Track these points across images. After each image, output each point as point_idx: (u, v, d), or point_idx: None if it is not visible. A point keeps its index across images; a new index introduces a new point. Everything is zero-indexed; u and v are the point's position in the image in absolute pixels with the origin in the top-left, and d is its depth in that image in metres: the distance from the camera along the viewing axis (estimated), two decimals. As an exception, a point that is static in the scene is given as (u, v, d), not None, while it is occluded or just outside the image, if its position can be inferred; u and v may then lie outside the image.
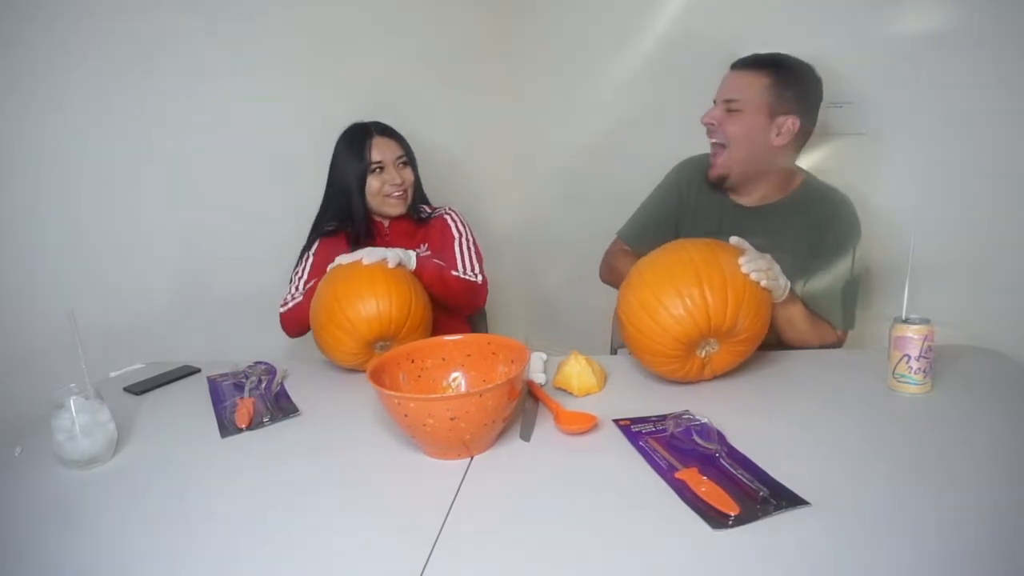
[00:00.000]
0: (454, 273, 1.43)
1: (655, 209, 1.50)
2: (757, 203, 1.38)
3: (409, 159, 1.56)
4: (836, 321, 1.30)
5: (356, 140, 1.52)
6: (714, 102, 1.36)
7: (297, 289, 1.48)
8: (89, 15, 1.55)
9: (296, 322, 1.42)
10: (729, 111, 1.31)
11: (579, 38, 2.09)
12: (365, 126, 1.54)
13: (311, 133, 1.52)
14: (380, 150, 1.51)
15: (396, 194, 1.52)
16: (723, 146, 1.34)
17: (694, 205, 1.44)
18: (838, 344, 1.32)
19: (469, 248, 1.53)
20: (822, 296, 1.29)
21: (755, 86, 1.29)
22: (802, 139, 1.36)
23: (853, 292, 1.32)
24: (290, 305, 1.44)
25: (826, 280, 1.30)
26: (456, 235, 1.54)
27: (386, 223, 1.57)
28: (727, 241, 1.13)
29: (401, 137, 1.56)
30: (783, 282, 1.14)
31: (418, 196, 1.60)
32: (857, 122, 1.63)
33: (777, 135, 1.30)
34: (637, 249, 1.47)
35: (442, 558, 0.72)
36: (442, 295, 1.38)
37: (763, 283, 1.06)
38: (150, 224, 1.70)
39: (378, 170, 1.51)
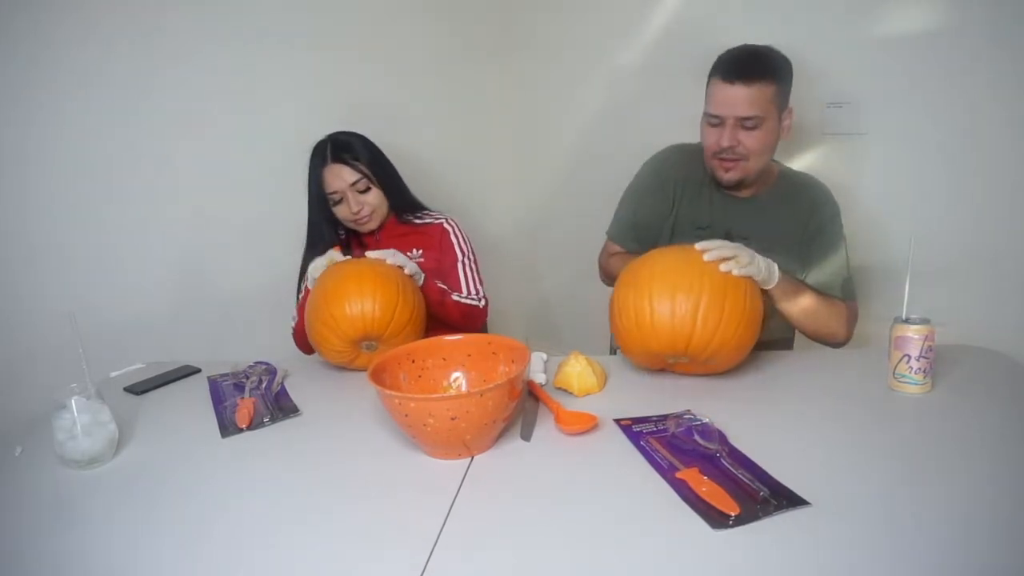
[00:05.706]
0: (455, 298, 1.43)
1: (646, 210, 1.45)
2: (748, 194, 1.38)
3: (373, 176, 1.45)
4: (846, 295, 1.31)
5: (315, 168, 1.46)
6: (709, 115, 1.29)
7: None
8: (95, 16, 1.55)
9: (300, 340, 1.42)
10: (745, 128, 1.26)
11: (576, 37, 2.09)
12: (322, 149, 1.45)
13: (310, 134, 1.52)
14: (334, 179, 1.43)
15: (361, 220, 1.47)
16: (739, 158, 1.29)
17: (686, 203, 1.42)
18: (854, 317, 1.31)
19: (472, 268, 1.52)
20: (828, 276, 1.31)
21: (766, 98, 1.24)
22: None
23: (847, 264, 1.34)
24: (292, 325, 1.46)
25: (826, 261, 1.32)
26: (459, 254, 1.52)
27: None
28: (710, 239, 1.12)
29: (357, 155, 1.45)
30: (763, 264, 1.11)
31: (397, 205, 1.52)
32: (857, 122, 1.63)
33: (784, 131, 1.31)
34: (630, 248, 1.46)
35: (442, 558, 0.72)
36: (440, 316, 1.39)
37: (735, 272, 1.05)
38: (150, 224, 1.70)
39: (340, 200, 1.45)
